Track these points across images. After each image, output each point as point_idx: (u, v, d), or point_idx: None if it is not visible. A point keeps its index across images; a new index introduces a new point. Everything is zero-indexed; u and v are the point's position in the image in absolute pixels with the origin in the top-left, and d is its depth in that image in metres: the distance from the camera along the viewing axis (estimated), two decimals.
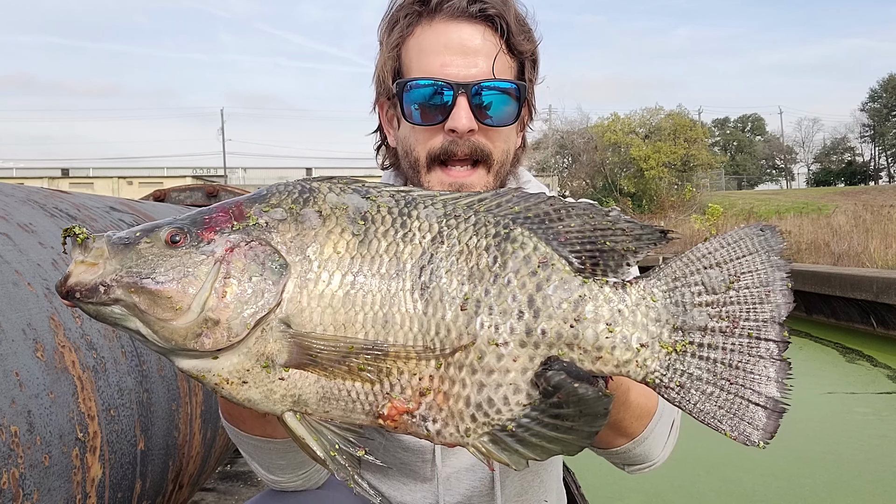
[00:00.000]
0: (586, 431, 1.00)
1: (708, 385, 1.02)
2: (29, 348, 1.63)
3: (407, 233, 1.03)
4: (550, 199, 1.07)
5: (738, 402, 1.02)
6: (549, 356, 1.00)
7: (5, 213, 1.98)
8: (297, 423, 1.02)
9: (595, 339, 1.01)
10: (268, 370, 0.99)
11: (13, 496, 1.46)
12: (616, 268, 1.04)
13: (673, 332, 1.03)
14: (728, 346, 1.03)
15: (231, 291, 0.97)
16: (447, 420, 1.01)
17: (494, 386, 1.00)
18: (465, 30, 1.50)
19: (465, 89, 1.47)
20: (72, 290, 0.96)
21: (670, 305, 1.03)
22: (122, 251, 0.98)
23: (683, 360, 1.02)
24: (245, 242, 1.00)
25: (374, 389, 1.00)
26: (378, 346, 0.98)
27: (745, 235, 1.06)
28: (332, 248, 1.01)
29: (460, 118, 1.47)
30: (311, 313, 0.99)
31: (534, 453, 1.01)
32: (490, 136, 1.53)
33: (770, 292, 1.04)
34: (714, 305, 1.03)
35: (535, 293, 1.01)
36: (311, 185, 1.07)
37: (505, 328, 1.00)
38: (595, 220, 1.05)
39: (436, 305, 1.00)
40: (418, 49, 1.52)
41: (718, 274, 1.04)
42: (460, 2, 1.49)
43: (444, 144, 1.51)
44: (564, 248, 1.04)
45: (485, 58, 1.49)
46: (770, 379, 1.02)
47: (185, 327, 0.96)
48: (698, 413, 1.03)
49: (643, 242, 1.04)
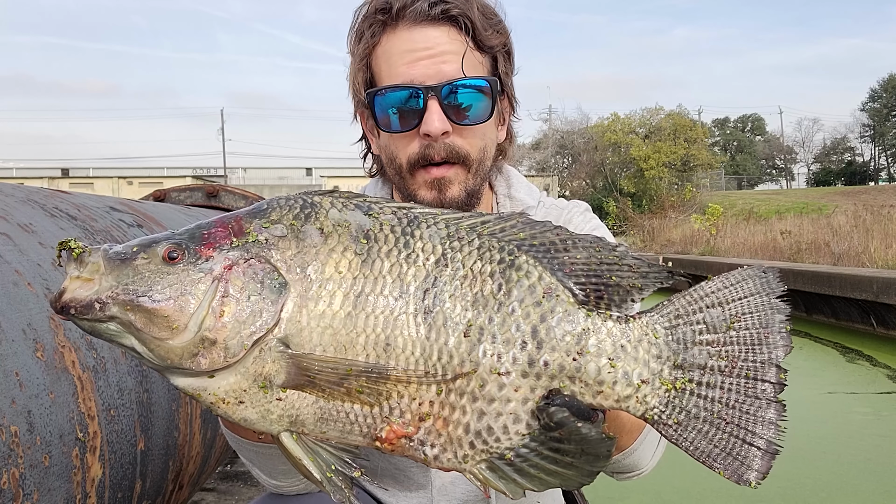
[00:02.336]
0: (587, 470, 1.00)
1: (705, 424, 1.03)
2: (29, 348, 1.63)
3: (410, 254, 1.01)
4: (556, 229, 1.06)
5: (734, 442, 1.03)
6: (550, 388, 1.00)
7: (5, 213, 1.97)
8: (294, 443, 1.01)
9: (597, 373, 1.01)
10: (265, 390, 0.97)
11: (13, 496, 1.46)
12: (620, 303, 1.04)
13: (673, 369, 1.03)
14: (726, 385, 1.03)
15: (229, 311, 0.95)
16: (445, 446, 1.01)
17: (495, 414, 1.00)
18: (430, 33, 1.49)
19: (435, 91, 1.46)
20: (66, 305, 0.94)
21: (672, 342, 1.04)
22: (118, 267, 0.96)
23: (682, 398, 1.03)
24: (244, 260, 0.98)
25: (373, 412, 0.99)
26: (379, 369, 0.97)
27: (748, 277, 1.06)
28: (333, 268, 0.99)
29: (433, 122, 1.46)
30: (310, 333, 0.97)
31: (531, 484, 1.01)
32: (465, 135, 1.52)
33: (769, 334, 1.05)
34: (714, 344, 1.04)
35: (539, 324, 1.01)
36: (312, 199, 1.05)
37: (508, 357, 0.99)
38: (602, 253, 1.05)
39: (439, 330, 0.99)
40: (386, 57, 1.51)
41: (720, 313, 1.05)
42: (421, 6, 1.47)
43: (421, 149, 1.50)
44: (569, 279, 1.03)
45: (452, 57, 1.48)
46: (765, 420, 1.03)
47: (181, 346, 0.94)
48: (694, 451, 1.03)
49: (649, 280, 1.04)
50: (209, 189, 5.90)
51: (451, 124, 1.48)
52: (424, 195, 1.53)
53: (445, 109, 1.47)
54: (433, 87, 1.46)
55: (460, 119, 1.49)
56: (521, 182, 1.75)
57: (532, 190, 1.75)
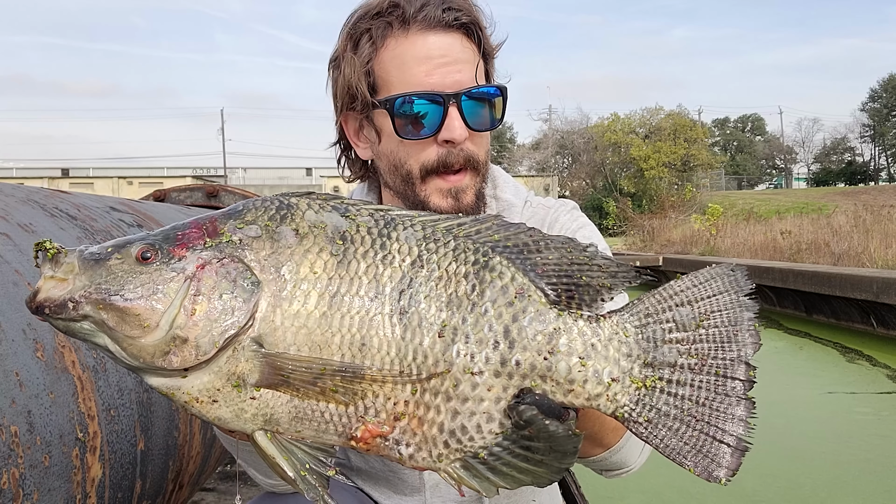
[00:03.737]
0: (556, 467, 1.01)
1: (675, 421, 1.04)
2: (29, 348, 1.63)
3: (386, 255, 1.02)
4: (530, 231, 1.08)
5: (704, 439, 1.04)
6: (522, 387, 1.01)
7: (5, 213, 1.98)
8: (268, 442, 1.01)
9: (568, 371, 1.02)
10: (238, 389, 0.97)
11: (13, 496, 1.46)
12: (591, 302, 1.05)
13: (643, 367, 1.04)
14: (696, 383, 1.04)
15: (200, 309, 0.95)
16: (420, 445, 1.01)
17: (468, 414, 1.01)
18: (444, 39, 1.49)
19: (456, 99, 1.47)
20: (41, 305, 0.95)
21: (642, 341, 1.04)
22: (92, 267, 0.96)
23: (652, 396, 1.04)
24: (217, 259, 0.98)
25: (348, 411, 1.00)
26: (354, 368, 0.97)
27: (716, 275, 1.07)
28: (308, 268, 0.99)
29: (455, 128, 1.47)
30: (284, 333, 0.97)
31: (504, 482, 1.02)
32: (475, 140, 1.54)
33: (738, 332, 1.05)
34: (684, 343, 1.05)
35: (510, 324, 1.02)
36: (289, 201, 1.05)
37: (480, 357, 1.00)
38: (573, 254, 1.06)
39: (414, 331, 0.99)
40: (398, 62, 1.50)
41: (689, 312, 1.05)
42: (434, 11, 1.48)
43: (441, 156, 1.50)
44: (541, 279, 1.04)
45: (465, 65, 1.50)
46: (735, 417, 1.04)
47: (152, 345, 0.95)
48: (664, 448, 1.04)
49: (618, 280, 1.05)
50: (209, 189, 5.90)
51: (469, 131, 1.50)
52: (438, 203, 1.53)
53: (465, 116, 1.49)
54: (453, 94, 1.47)
55: (476, 126, 1.51)
56: (507, 182, 1.75)
57: (518, 190, 1.75)
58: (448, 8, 1.49)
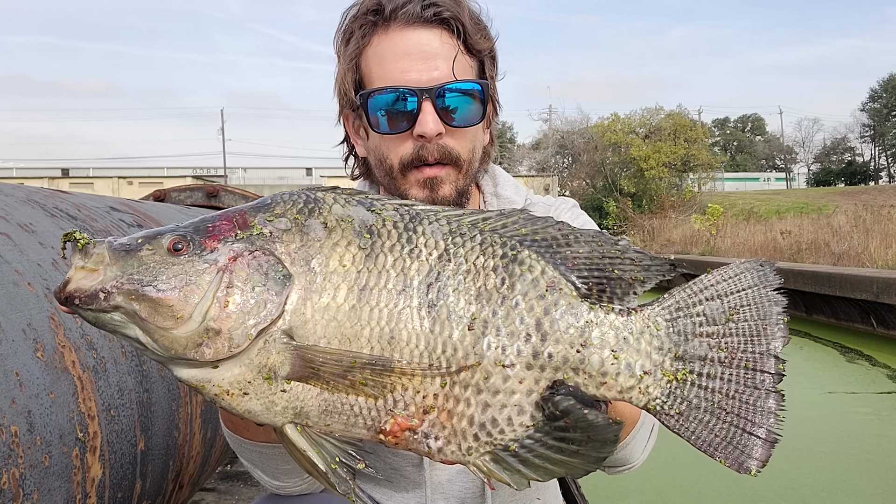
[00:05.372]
0: (593, 457, 1.01)
1: (706, 414, 1.04)
2: (29, 348, 1.63)
3: (413, 248, 1.03)
4: (558, 224, 1.08)
5: (734, 431, 1.04)
6: (554, 380, 1.01)
7: (5, 213, 1.98)
8: (298, 435, 1.01)
9: (600, 364, 1.02)
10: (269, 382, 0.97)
11: (13, 496, 1.46)
12: (622, 296, 1.05)
13: (675, 360, 1.05)
14: (726, 376, 1.05)
15: (233, 301, 0.96)
16: (450, 438, 1.01)
17: (499, 406, 1.01)
18: (423, 35, 1.49)
19: (429, 94, 1.47)
20: (71, 296, 0.94)
21: (673, 334, 1.05)
22: (123, 257, 0.96)
23: (684, 389, 1.05)
24: (248, 252, 0.98)
25: (378, 405, 1.00)
26: (383, 361, 0.98)
27: (745, 270, 1.08)
28: (337, 261, 1.00)
29: (427, 123, 1.47)
30: (314, 325, 0.98)
31: (536, 474, 1.02)
32: (457, 136, 1.53)
33: (767, 325, 1.07)
34: (714, 336, 1.06)
35: (542, 317, 1.02)
36: (315, 195, 1.06)
37: (512, 350, 1.00)
38: (604, 247, 1.06)
39: (443, 324, 1.00)
40: (378, 58, 1.52)
41: (719, 306, 1.06)
42: (414, 8, 1.48)
43: (415, 150, 1.51)
44: (572, 273, 1.05)
45: (444, 61, 1.49)
46: (765, 409, 1.05)
47: (185, 336, 0.94)
48: (696, 440, 1.05)
49: (652, 273, 1.05)
50: (209, 189, 5.91)
51: (444, 126, 1.50)
52: (416, 194, 1.54)
53: (439, 111, 1.48)
54: (427, 89, 1.47)
55: (453, 121, 1.51)
56: (507, 181, 1.77)
57: (519, 188, 1.77)
58: (428, 4, 1.49)
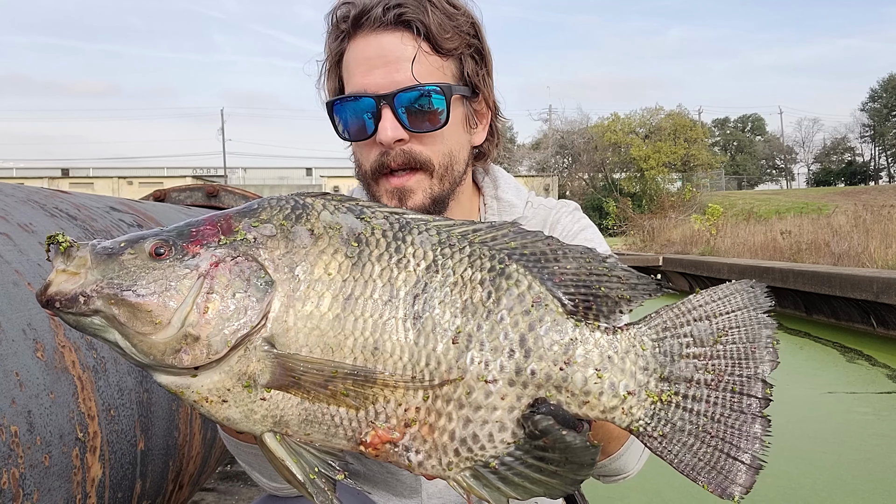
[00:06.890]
0: (571, 478, 1.00)
1: (690, 437, 1.03)
2: (29, 348, 1.63)
3: (401, 259, 1.01)
4: (548, 239, 1.06)
5: (718, 456, 1.03)
6: (536, 397, 1.00)
7: (5, 213, 1.98)
8: (277, 444, 1.00)
9: (584, 383, 1.01)
10: (249, 390, 0.96)
11: (13, 496, 1.46)
12: (608, 314, 1.04)
13: (660, 381, 1.03)
14: (712, 399, 1.03)
15: (213, 307, 0.94)
16: (430, 452, 1.00)
17: (480, 422, 1.00)
18: (384, 39, 1.46)
19: (387, 100, 1.43)
20: (51, 298, 0.93)
21: (658, 355, 1.03)
22: (104, 261, 0.95)
23: (668, 411, 1.03)
24: (231, 257, 0.97)
25: (359, 416, 0.98)
26: (366, 372, 0.96)
27: (735, 291, 1.06)
28: (322, 269, 0.98)
29: (385, 130, 1.44)
30: (296, 334, 0.96)
31: (515, 492, 1.00)
32: (425, 141, 1.49)
33: (756, 349, 1.04)
34: (701, 358, 1.04)
35: (527, 332, 1.01)
36: (304, 201, 1.04)
37: (495, 365, 0.99)
38: (591, 264, 1.04)
39: (427, 336, 0.98)
40: (346, 67, 1.51)
41: (707, 327, 1.04)
42: (376, 12, 1.45)
43: (378, 157, 1.48)
44: (558, 289, 1.03)
45: (406, 64, 1.45)
46: (750, 435, 1.03)
47: (163, 342, 0.93)
48: (678, 464, 1.03)
49: (638, 292, 1.04)
50: (209, 189, 5.90)
51: (407, 132, 1.46)
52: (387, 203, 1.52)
53: (399, 117, 1.44)
54: (385, 95, 1.44)
55: (416, 126, 1.46)
56: (508, 183, 1.73)
57: (520, 190, 1.74)
58: (389, 7, 1.45)
